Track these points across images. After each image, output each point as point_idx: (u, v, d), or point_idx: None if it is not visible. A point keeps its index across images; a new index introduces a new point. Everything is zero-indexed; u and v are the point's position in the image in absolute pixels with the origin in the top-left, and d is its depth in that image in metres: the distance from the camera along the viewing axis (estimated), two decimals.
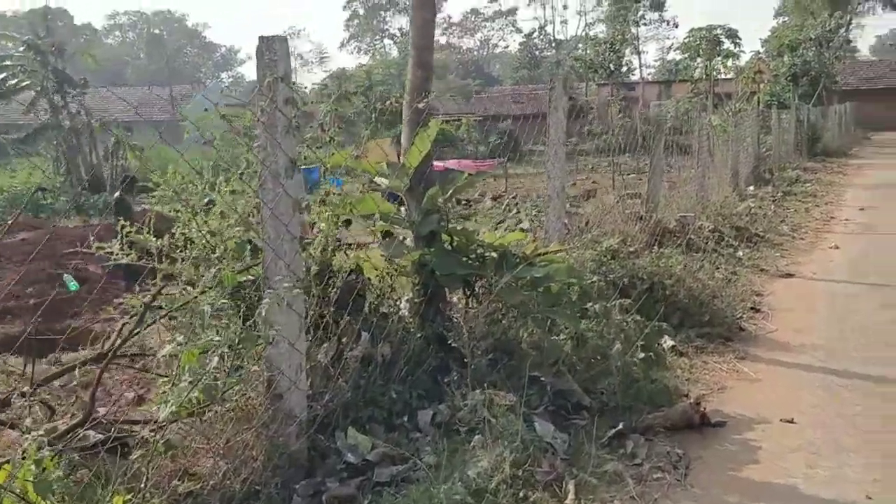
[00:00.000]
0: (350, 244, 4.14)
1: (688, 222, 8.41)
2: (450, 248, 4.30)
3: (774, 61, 29.53)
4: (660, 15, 44.12)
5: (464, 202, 18.36)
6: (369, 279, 4.07)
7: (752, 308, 6.05)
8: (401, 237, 4.38)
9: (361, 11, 68.76)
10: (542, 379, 3.87)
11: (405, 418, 3.58)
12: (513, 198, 15.17)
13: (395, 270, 4.15)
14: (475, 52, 77.77)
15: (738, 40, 29.91)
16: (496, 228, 9.75)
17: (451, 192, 4.21)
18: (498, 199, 17.34)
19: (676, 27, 47.67)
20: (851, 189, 14.74)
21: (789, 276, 7.34)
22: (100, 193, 18.39)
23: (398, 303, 4.20)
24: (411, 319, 4.10)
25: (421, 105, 4.06)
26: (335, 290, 3.71)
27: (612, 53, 24.10)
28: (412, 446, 3.38)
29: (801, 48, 29.45)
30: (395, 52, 54.29)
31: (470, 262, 4.30)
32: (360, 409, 3.50)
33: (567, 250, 5.49)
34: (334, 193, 3.94)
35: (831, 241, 9.14)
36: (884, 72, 46.42)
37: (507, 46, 76.64)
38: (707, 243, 7.94)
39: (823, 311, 6.09)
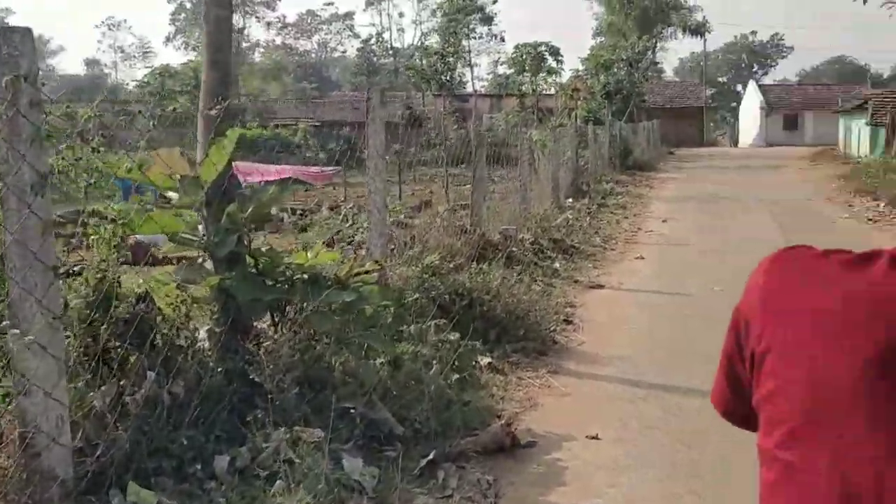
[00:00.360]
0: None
1: (510, 235, 8.61)
2: (254, 271, 4.00)
3: (592, 79, 31.55)
4: (489, 29, 45.79)
5: (299, 212, 17.78)
6: (160, 309, 3.68)
7: (565, 320, 6.24)
8: (199, 260, 4.02)
9: (188, 5, 65.23)
10: (354, 410, 3.68)
11: (199, 466, 3.23)
12: (350, 207, 14.87)
13: (191, 298, 3.79)
14: (313, 55, 76.50)
15: (560, 58, 31.70)
16: (332, 241, 9.49)
17: (252, 208, 3.91)
18: (335, 209, 16.91)
19: (503, 42, 49.81)
20: (657, 201, 15.95)
21: (600, 286, 7.70)
22: None
23: (196, 334, 3.83)
24: (211, 352, 3.75)
25: (213, 111, 3.72)
26: (116, 323, 3.31)
27: (443, 65, 24.56)
28: (206, 498, 3.06)
29: (615, 68, 31.71)
30: None
31: (278, 286, 4.03)
32: (145, 460, 3.12)
33: (386, 268, 5.35)
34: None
35: (638, 251, 9.76)
36: (685, 92, 51.23)
37: (345, 51, 76.18)
38: (527, 256, 8.16)
39: (630, 322, 6.41)
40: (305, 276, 4.04)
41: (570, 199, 13.96)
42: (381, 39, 63.24)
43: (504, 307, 5.63)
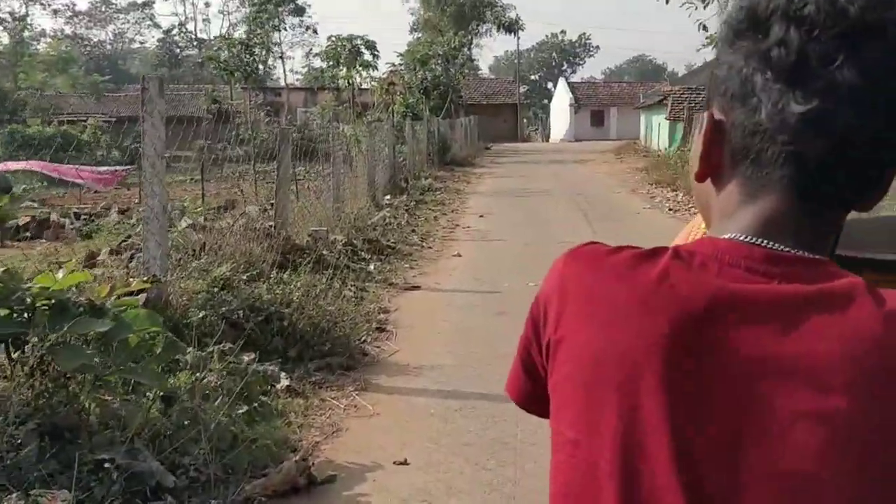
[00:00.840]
0: None
1: (320, 237, 8.13)
2: None
3: (410, 74, 31.55)
4: (301, 20, 44.39)
5: (84, 217, 16.05)
6: None
7: (378, 328, 5.89)
8: None
9: None
10: (109, 463, 3.05)
11: None
12: (143, 210, 13.60)
13: None
14: (108, 46, 70.58)
15: (376, 52, 31.34)
16: (120, 248, 8.47)
17: None
18: (127, 213, 15.44)
19: (316, 34, 48.61)
20: (474, 196, 16.12)
21: (415, 288, 7.43)
22: None
23: None
24: None
25: None
26: None
27: (248, 56, 23.19)
28: None
29: (431, 63, 31.93)
30: (5, 39, 46.43)
31: (15, 316, 3.30)
32: None
33: (166, 284, 4.69)
34: None
35: (455, 249, 9.64)
36: (500, 89, 53.08)
37: (144, 42, 71.00)
38: (340, 259, 7.72)
39: (444, 325, 6.17)
40: (51, 302, 3.34)
41: (389, 196, 13.70)
42: (184, 30, 59.55)
43: (307, 320, 5.17)
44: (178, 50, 58.57)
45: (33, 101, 30.14)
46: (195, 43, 58.20)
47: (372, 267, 7.95)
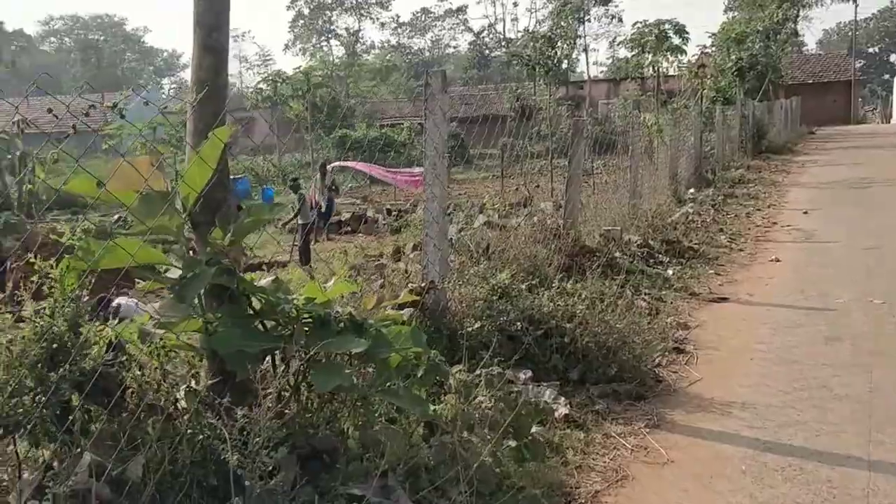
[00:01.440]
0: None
1: (613, 237, 7.44)
2: (251, 310, 3.17)
3: (722, 55, 28.97)
4: (606, 9, 43.45)
5: (395, 213, 17.26)
6: (129, 358, 2.93)
7: (675, 348, 5.05)
8: None
9: (306, 11, 67.03)
10: (357, 501, 2.76)
11: None
12: (448, 205, 14.20)
13: (165, 346, 3.02)
14: (427, 53, 76.90)
15: (685, 35, 29.30)
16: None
17: (233, 231, 3.06)
18: None
19: (621, 22, 47.28)
20: (795, 189, 13.98)
21: (723, 300, 6.36)
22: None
23: (176, 391, 3.05)
24: (189, 417, 2.95)
25: (195, 102, 2.89)
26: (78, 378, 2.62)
27: (551, 49, 22.96)
28: None
29: (748, 41, 28.93)
30: (341, 52, 52.97)
31: (278, 329, 3.19)
32: None
33: (444, 291, 4.42)
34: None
35: (772, 252, 8.22)
36: (829, 66, 46.59)
37: (457, 46, 76.11)
38: (633, 262, 6.96)
39: (759, 350, 5.09)
40: (313, 315, 3.17)
41: (692, 190, 12.43)
42: (493, 31, 62.22)
43: (592, 337, 4.53)
44: (487, 51, 61.53)
45: (361, 108, 33.70)
46: (503, 43, 60.69)
47: (670, 272, 7.04)
